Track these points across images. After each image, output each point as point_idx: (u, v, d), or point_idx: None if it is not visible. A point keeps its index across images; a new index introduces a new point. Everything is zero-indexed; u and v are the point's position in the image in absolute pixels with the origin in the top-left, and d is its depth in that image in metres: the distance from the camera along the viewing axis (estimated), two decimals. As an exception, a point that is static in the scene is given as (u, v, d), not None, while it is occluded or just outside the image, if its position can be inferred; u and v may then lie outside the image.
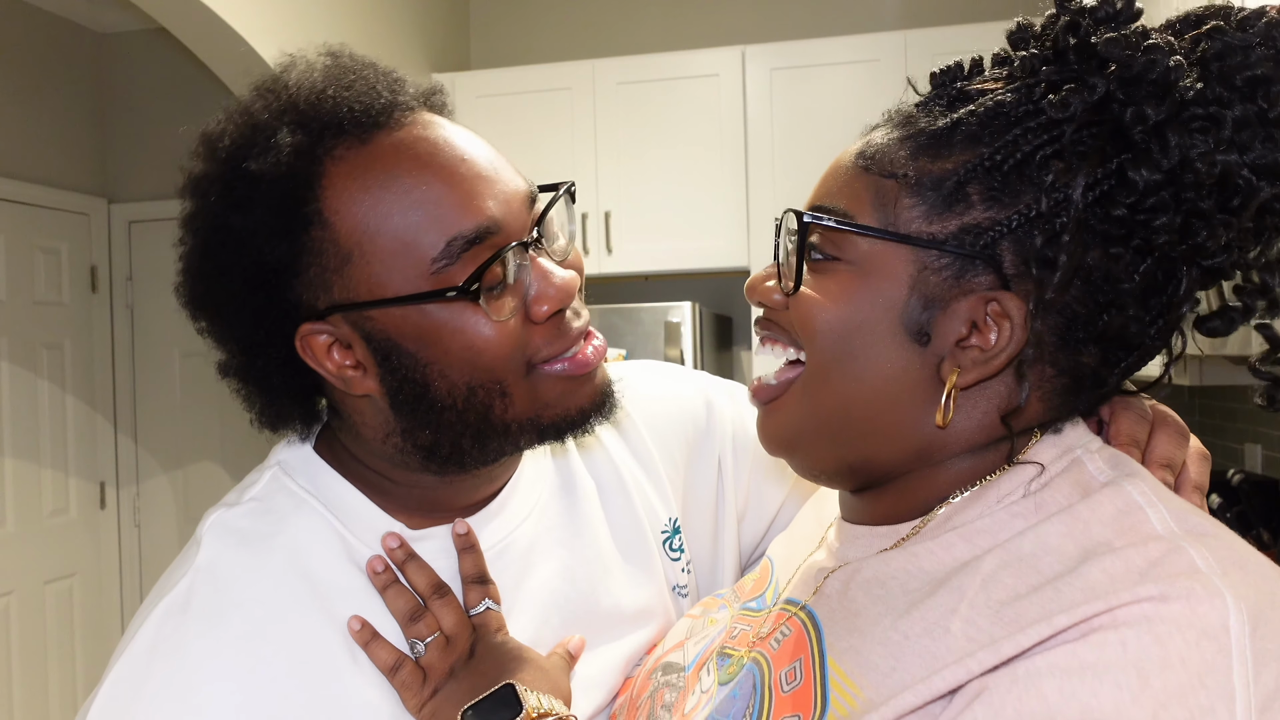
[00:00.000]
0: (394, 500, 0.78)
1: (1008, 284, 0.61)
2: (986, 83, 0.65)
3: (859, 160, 0.66)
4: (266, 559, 0.72)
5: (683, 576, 0.90)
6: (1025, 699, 0.50)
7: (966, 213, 0.61)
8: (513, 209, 0.71)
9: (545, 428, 0.74)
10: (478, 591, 0.76)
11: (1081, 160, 0.59)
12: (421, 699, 0.70)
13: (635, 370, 1.00)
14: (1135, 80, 0.58)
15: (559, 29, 3.92)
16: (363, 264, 0.68)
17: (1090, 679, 0.49)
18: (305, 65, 0.74)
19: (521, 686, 0.69)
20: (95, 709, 0.67)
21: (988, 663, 0.52)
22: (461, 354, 0.69)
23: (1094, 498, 0.58)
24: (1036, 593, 0.54)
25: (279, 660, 0.68)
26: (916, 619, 0.58)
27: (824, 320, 0.64)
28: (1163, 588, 0.50)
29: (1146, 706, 0.48)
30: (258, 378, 0.75)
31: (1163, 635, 0.49)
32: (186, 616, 0.69)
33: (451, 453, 0.73)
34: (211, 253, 0.72)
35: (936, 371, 0.62)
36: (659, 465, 0.92)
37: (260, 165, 0.69)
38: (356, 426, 0.76)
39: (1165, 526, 0.56)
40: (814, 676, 0.61)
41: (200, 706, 0.66)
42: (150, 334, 3.99)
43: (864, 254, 0.63)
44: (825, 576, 0.68)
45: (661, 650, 0.80)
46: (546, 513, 0.84)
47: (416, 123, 0.71)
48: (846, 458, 0.67)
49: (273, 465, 0.78)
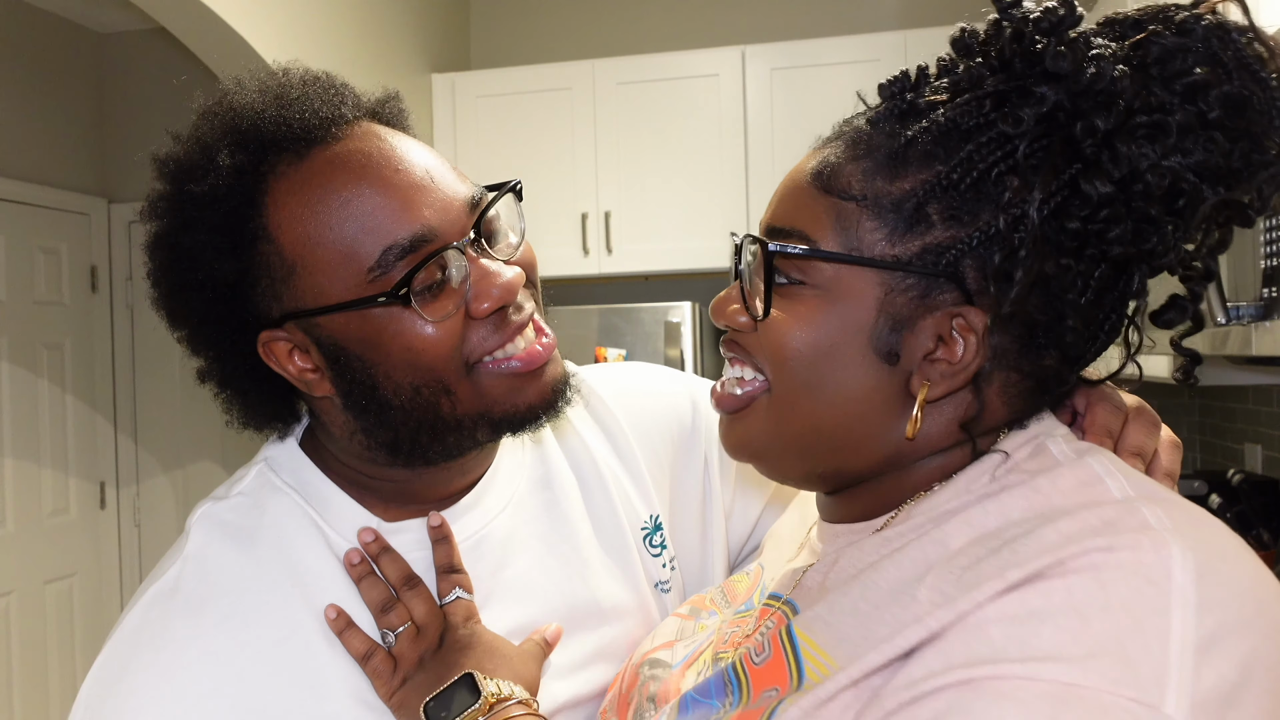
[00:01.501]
0: (371, 493, 0.80)
1: (971, 299, 0.62)
2: (936, 94, 0.65)
3: (816, 181, 0.66)
4: (251, 550, 0.75)
5: (664, 572, 0.91)
6: (972, 643, 0.52)
7: (928, 233, 0.62)
8: (450, 215, 0.72)
9: (498, 422, 0.76)
10: (449, 581, 0.78)
11: (1035, 175, 0.60)
12: (391, 688, 0.73)
13: (620, 370, 1.02)
14: (1083, 92, 0.59)
15: (559, 29, 3.92)
16: (306, 275, 0.71)
17: (1034, 623, 0.51)
18: (254, 84, 0.76)
19: (480, 675, 0.71)
20: (84, 692, 0.71)
21: (945, 620, 0.54)
22: (402, 355, 0.72)
23: (1055, 471, 0.60)
24: (995, 555, 0.55)
25: (260, 644, 0.71)
26: (885, 591, 0.59)
27: (793, 346, 0.64)
28: (1111, 540, 0.52)
29: (1085, 645, 0.50)
30: (233, 382, 0.79)
31: (1106, 581, 0.51)
32: (173, 602, 0.72)
33: (413, 448, 0.76)
34: (170, 271, 0.75)
35: (905, 386, 0.64)
36: (641, 463, 0.93)
37: (202, 187, 0.72)
38: (327, 425, 0.79)
39: (1123, 493, 0.57)
40: (784, 649, 0.62)
41: (183, 687, 0.69)
42: (150, 334, 3.99)
43: (829, 278, 0.64)
44: (804, 571, 0.70)
45: (649, 646, 0.81)
46: (524, 505, 0.86)
47: (353, 135, 0.73)
48: (816, 469, 0.68)
49: (260, 461, 0.82)
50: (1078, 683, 0.49)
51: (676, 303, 3.16)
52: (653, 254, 3.35)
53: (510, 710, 0.70)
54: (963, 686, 0.51)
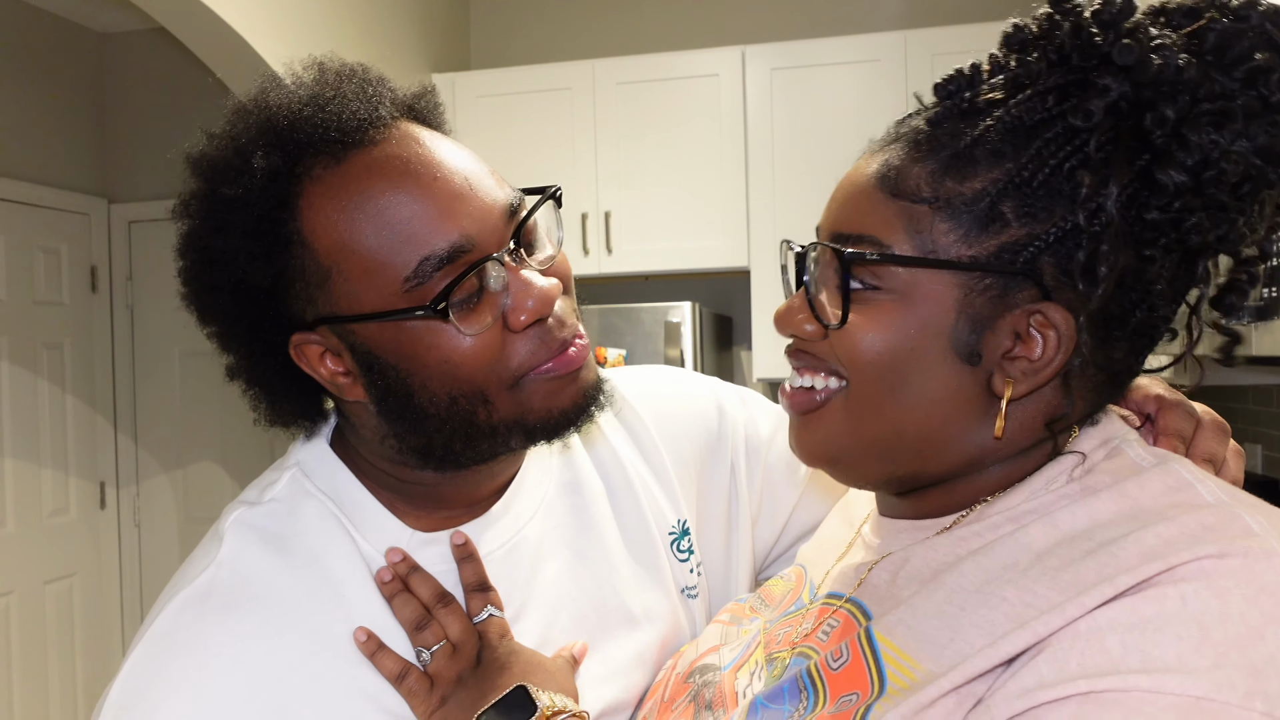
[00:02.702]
0: (404, 498, 0.79)
1: (1049, 294, 0.61)
2: (993, 92, 0.64)
3: (882, 185, 0.65)
4: (287, 558, 0.74)
5: (691, 578, 0.90)
6: (1088, 653, 0.51)
7: (1003, 231, 0.61)
8: (489, 224, 0.71)
9: (532, 429, 0.74)
10: (480, 599, 0.76)
11: (1109, 168, 0.59)
12: (430, 707, 0.71)
13: (646, 374, 1.00)
14: (1149, 82, 0.59)
15: (559, 29, 3.91)
16: (341, 281, 0.70)
17: (1151, 631, 0.51)
18: (292, 80, 0.75)
19: (533, 688, 0.70)
20: (113, 694, 0.68)
21: (1054, 624, 0.53)
22: (439, 367, 0.70)
23: (1142, 476, 0.60)
24: (1091, 557, 0.55)
25: (295, 653, 0.70)
26: (971, 592, 0.59)
27: (874, 351, 0.64)
28: (1221, 546, 0.52)
29: (1208, 656, 0.49)
30: (262, 380, 0.77)
31: (1222, 590, 0.51)
32: (206, 607, 0.70)
33: (445, 454, 0.75)
34: (202, 271, 0.74)
35: (987, 386, 0.63)
36: (669, 467, 0.92)
37: (236, 190, 0.70)
38: (357, 428, 0.78)
39: (1216, 498, 0.57)
40: (863, 653, 0.62)
41: (216, 692, 0.67)
42: (150, 334, 3.99)
43: (905, 282, 0.63)
44: (869, 569, 0.69)
45: (695, 654, 0.80)
46: (553, 510, 0.85)
47: (391, 139, 0.71)
48: (895, 472, 0.67)
49: (292, 466, 0.80)
50: (1209, 696, 0.48)
51: (676, 303, 3.16)
52: (653, 254, 3.35)
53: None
54: (1085, 699, 0.50)
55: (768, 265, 3.22)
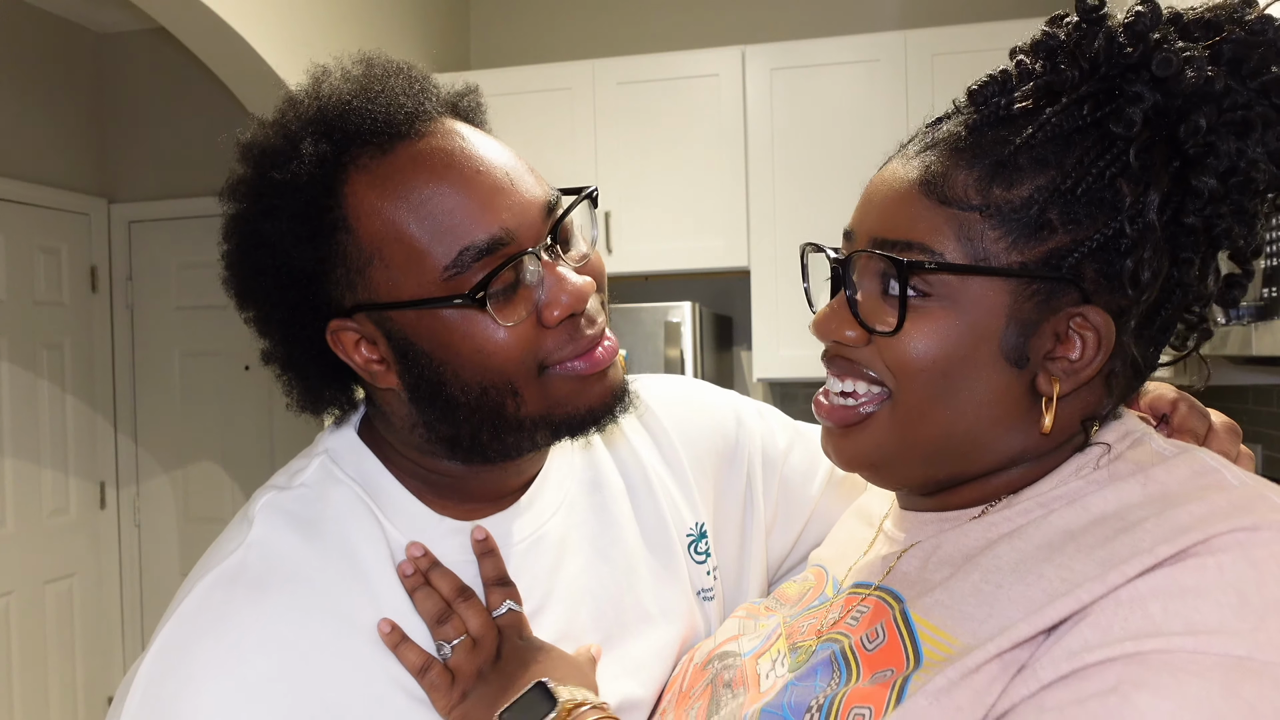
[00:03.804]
0: (431, 488, 0.81)
1: (1088, 297, 0.64)
2: (1026, 100, 0.66)
3: (927, 190, 0.66)
4: (315, 540, 0.75)
5: (708, 580, 0.91)
6: (1131, 618, 0.54)
7: (1051, 238, 0.63)
8: (528, 218, 0.73)
9: (558, 425, 0.76)
10: (499, 594, 0.78)
11: (1148, 176, 0.62)
12: (451, 701, 0.72)
13: (668, 382, 1.03)
14: (1183, 93, 0.62)
15: (559, 29, 3.92)
16: (381, 268, 0.72)
17: (1192, 598, 0.53)
18: (339, 73, 0.77)
19: (552, 682, 0.71)
20: (142, 671, 0.69)
21: (1096, 592, 0.55)
22: (472, 356, 0.72)
23: (1168, 463, 0.63)
24: (1126, 534, 0.58)
25: (323, 633, 0.71)
26: (1007, 571, 0.61)
27: (927, 358, 0.65)
28: (1254, 520, 0.55)
29: (1249, 620, 0.52)
30: (296, 366, 0.79)
31: (1257, 559, 0.54)
32: (235, 586, 0.71)
33: (472, 445, 0.76)
34: (247, 255, 0.76)
35: (1030, 386, 0.65)
36: (688, 471, 0.93)
37: (285, 174, 0.72)
38: (387, 416, 0.80)
39: (1241, 481, 0.60)
40: (899, 633, 0.64)
41: (245, 670, 0.68)
42: (150, 334, 3.99)
43: (955, 289, 0.64)
44: (897, 557, 0.71)
45: (713, 644, 0.81)
46: (575, 507, 0.87)
47: (436, 133, 0.74)
48: (937, 475, 0.69)
49: (321, 453, 0.81)
50: (1252, 655, 0.51)
51: (676, 303, 3.16)
52: (653, 254, 3.35)
53: (586, 716, 0.70)
54: (1130, 660, 0.53)
55: (768, 265, 3.22)
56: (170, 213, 3.89)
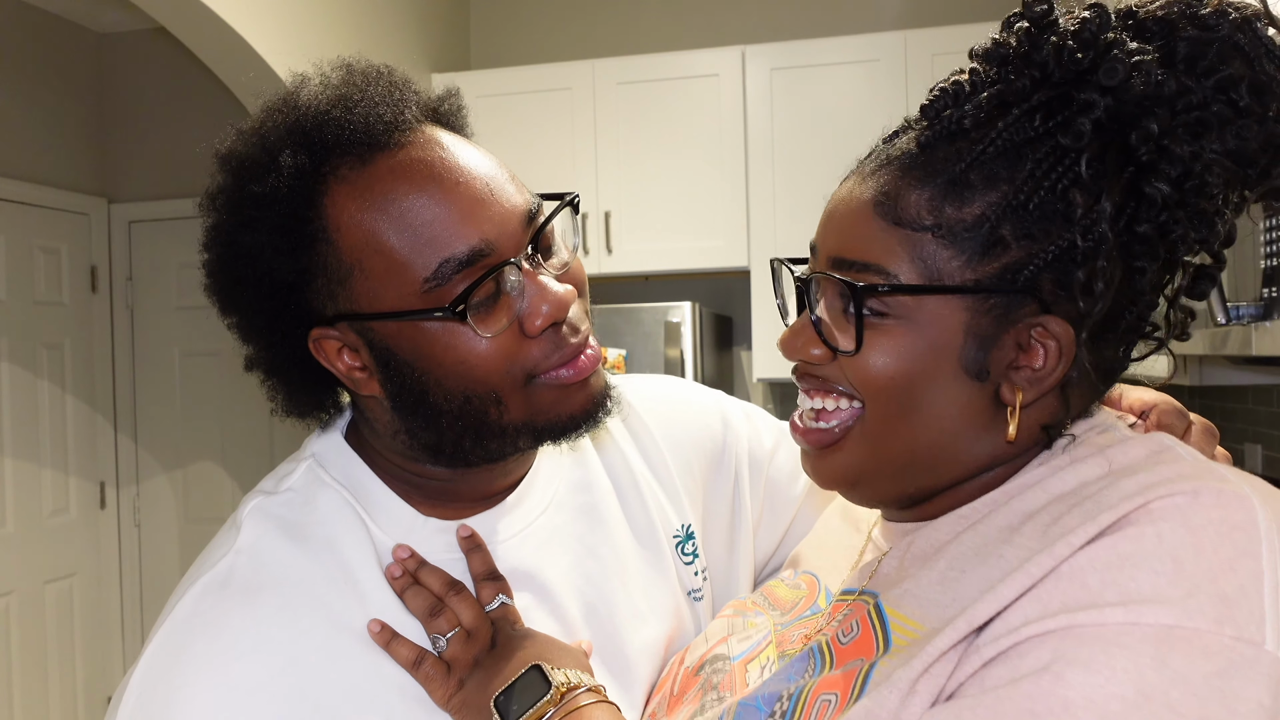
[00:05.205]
0: (418, 490, 0.81)
1: (1047, 307, 0.63)
2: (978, 112, 0.65)
3: (880, 211, 0.66)
4: (303, 544, 0.75)
5: (696, 580, 0.92)
6: (1070, 590, 0.55)
7: (1004, 253, 0.63)
8: (508, 228, 0.73)
9: (540, 431, 0.76)
10: (490, 588, 0.78)
11: (1100, 186, 0.61)
12: (448, 690, 0.73)
13: (653, 382, 1.03)
14: (1133, 99, 0.61)
15: (559, 29, 3.92)
16: (362, 279, 0.72)
17: (1129, 567, 0.54)
18: (319, 81, 0.77)
19: (547, 665, 0.72)
20: (135, 678, 0.70)
21: (1046, 566, 0.56)
22: (455, 367, 0.72)
23: (1126, 443, 0.64)
24: (1078, 508, 0.59)
25: (314, 636, 0.71)
26: (969, 555, 0.62)
27: (886, 375, 0.65)
28: (1195, 485, 0.55)
29: (1182, 587, 0.52)
30: (280, 372, 0.79)
31: (1195, 526, 0.54)
32: (226, 591, 0.72)
33: (455, 451, 0.77)
34: (227, 265, 0.76)
35: (994, 397, 0.66)
36: (673, 473, 0.94)
37: (264, 186, 0.72)
38: (372, 422, 0.80)
39: (1194, 457, 0.62)
40: (873, 626, 0.65)
41: (238, 675, 0.68)
42: (150, 334, 3.99)
43: (912, 309, 0.65)
44: (878, 562, 0.71)
45: (705, 647, 0.81)
46: (564, 507, 0.87)
47: (416, 143, 0.73)
48: (908, 489, 0.70)
49: (308, 457, 0.82)
50: (1180, 624, 0.51)
51: (676, 303, 3.16)
52: (653, 254, 3.35)
53: (580, 698, 0.71)
54: (1065, 633, 0.53)
55: (767, 265, 3.22)
56: (170, 213, 3.89)
